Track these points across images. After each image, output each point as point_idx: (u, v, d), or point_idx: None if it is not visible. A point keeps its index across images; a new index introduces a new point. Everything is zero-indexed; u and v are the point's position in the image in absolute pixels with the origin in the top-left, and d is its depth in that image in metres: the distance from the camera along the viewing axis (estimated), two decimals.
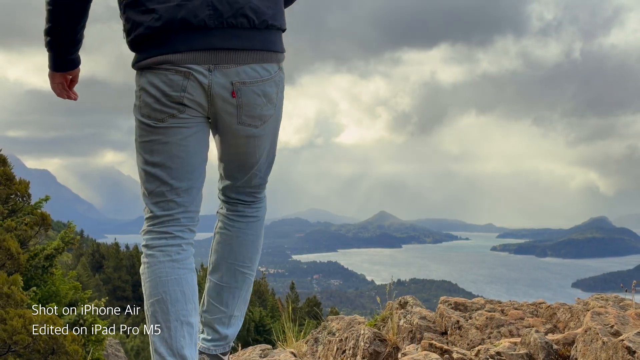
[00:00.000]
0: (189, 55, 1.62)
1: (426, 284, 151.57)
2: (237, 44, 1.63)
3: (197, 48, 1.62)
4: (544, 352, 1.84)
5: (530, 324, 2.40)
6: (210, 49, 1.62)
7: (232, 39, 1.62)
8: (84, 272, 36.07)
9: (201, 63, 1.63)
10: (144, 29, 1.63)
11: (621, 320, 1.75)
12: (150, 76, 1.68)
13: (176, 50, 1.62)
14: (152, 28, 1.62)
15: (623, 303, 2.47)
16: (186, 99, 1.67)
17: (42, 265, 10.47)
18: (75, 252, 43.55)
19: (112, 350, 15.58)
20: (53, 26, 1.75)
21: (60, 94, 1.96)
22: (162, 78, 1.66)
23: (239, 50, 1.64)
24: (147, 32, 1.63)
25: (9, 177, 7.46)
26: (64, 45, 1.81)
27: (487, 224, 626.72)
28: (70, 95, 1.98)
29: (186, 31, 1.61)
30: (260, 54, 1.67)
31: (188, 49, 1.62)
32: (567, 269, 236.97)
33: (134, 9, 1.64)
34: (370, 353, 2.45)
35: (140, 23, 1.64)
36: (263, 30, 1.66)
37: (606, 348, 1.62)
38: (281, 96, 1.79)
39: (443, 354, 1.83)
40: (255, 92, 1.69)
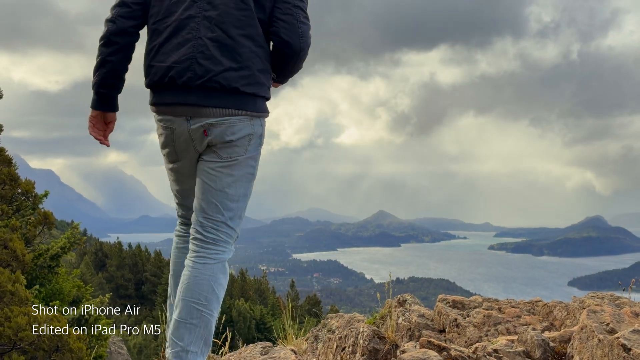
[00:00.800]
0: (171, 108, 2.06)
1: (424, 282, 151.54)
2: (209, 103, 2.02)
3: (178, 103, 2.04)
4: (540, 350, 1.84)
5: (527, 321, 2.40)
6: (188, 104, 2.03)
7: (206, 99, 2.02)
8: (87, 271, 36.06)
9: (181, 115, 2.06)
10: (148, 80, 2.09)
11: (617, 318, 1.76)
12: (156, 124, 2.15)
13: (164, 103, 2.07)
14: (152, 81, 2.08)
15: (619, 301, 2.47)
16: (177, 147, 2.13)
17: (47, 264, 10.46)
18: (79, 251, 43.54)
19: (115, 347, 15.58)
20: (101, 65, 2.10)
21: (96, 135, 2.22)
22: (161, 129, 2.13)
23: (210, 107, 2.03)
24: (148, 83, 2.09)
25: (13, 177, 7.45)
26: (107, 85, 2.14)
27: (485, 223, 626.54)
28: (105, 141, 2.25)
29: (172, 88, 2.04)
30: (228, 110, 2.04)
31: (171, 103, 2.05)
32: (564, 267, 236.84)
33: (145, 61, 2.11)
34: (369, 350, 2.45)
35: (147, 75, 2.09)
36: (234, 94, 2.03)
37: (602, 345, 1.62)
38: (255, 144, 2.13)
39: (441, 351, 1.83)
40: (223, 132, 2.06)
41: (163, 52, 2.04)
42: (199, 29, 2.02)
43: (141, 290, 44.55)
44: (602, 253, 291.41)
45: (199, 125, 2.04)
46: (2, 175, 7.35)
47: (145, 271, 45.34)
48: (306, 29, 2.10)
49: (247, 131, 2.08)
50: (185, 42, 2.02)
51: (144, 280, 44.81)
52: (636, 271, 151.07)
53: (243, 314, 32.39)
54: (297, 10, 2.09)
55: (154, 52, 2.07)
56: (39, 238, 9.34)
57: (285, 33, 2.07)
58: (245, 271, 41.95)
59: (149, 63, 2.07)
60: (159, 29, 2.07)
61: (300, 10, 2.09)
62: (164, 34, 2.06)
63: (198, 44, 2.01)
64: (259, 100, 2.09)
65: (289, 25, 2.07)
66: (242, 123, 2.06)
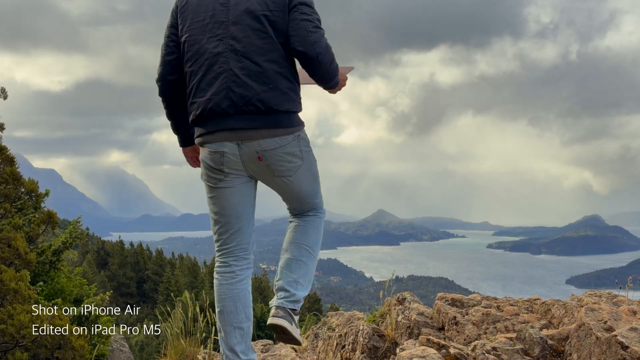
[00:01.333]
0: (218, 135, 2.27)
1: (424, 280, 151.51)
2: (249, 125, 2.24)
3: (222, 129, 2.26)
4: (538, 347, 1.84)
5: (526, 319, 2.40)
6: (231, 129, 2.25)
7: (245, 121, 2.24)
8: (89, 269, 36.05)
9: (230, 140, 2.27)
10: (191, 117, 2.33)
11: (614, 316, 1.75)
12: (203, 152, 2.35)
13: (209, 132, 2.28)
14: (195, 115, 2.30)
15: (616, 299, 2.47)
16: (226, 168, 2.32)
17: (49, 260, 10.45)
18: (81, 249, 43.55)
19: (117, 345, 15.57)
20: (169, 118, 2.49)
21: (194, 165, 2.61)
22: (207, 155, 2.33)
23: (252, 129, 2.24)
24: (192, 118, 2.33)
25: (16, 176, 7.45)
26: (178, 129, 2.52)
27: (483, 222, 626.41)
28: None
29: (214, 117, 2.26)
30: (269, 130, 2.25)
31: (216, 130, 2.27)
32: (561, 266, 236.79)
33: (188, 101, 2.35)
34: (369, 348, 2.45)
35: (190, 112, 2.33)
36: (270, 114, 2.24)
37: (600, 343, 1.62)
38: (306, 149, 2.39)
39: (440, 349, 1.83)
40: (278, 155, 2.29)
41: (201, 89, 2.28)
42: (228, 62, 2.25)
43: (143, 288, 44.55)
44: (600, 252, 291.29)
45: (251, 150, 2.27)
46: (5, 175, 7.35)
47: (146, 269, 45.34)
48: (318, 36, 2.28)
49: (294, 147, 2.33)
50: (218, 76, 2.26)
51: (145, 278, 44.82)
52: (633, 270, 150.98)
53: None
54: (305, 22, 2.28)
55: (194, 90, 2.30)
56: (42, 237, 9.33)
57: (299, 45, 2.27)
58: None
59: (191, 101, 2.32)
60: (194, 70, 2.31)
61: (308, 22, 2.28)
62: (199, 73, 2.29)
63: (230, 74, 2.24)
64: (292, 115, 2.32)
65: (300, 37, 2.27)
66: (293, 143, 2.32)
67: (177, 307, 3.59)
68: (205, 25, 2.31)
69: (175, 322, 3.51)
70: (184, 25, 2.35)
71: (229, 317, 2.37)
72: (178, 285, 38.41)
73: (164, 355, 3.38)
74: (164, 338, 3.52)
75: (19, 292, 6.01)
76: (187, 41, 2.33)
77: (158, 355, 3.52)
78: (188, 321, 3.51)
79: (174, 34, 2.39)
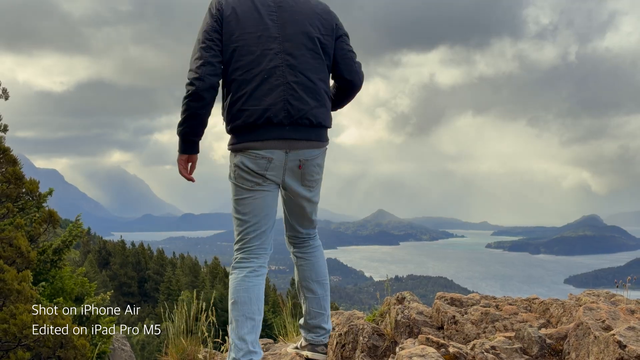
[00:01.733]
0: (270, 142, 2.41)
1: (423, 280, 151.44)
2: (301, 136, 2.44)
3: (275, 138, 2.40)
4: (537, 346, 1.84)
5: (524, 319, 2.40)
6: (284, 139, 2.41)
7: (298, 133, 2.43)
8: (91, 269, 36.04)
9: (280, 148, 2.42)
10: (240, 122, 2.39)
11: (612, 315, 1.76)
12: (242, 157, 2.44)
13: (260, 139, 2.40)
14: (245, 122, 2.38)
15: (614, 299, 2.47)
16: (268, 174, 2.46)
17: (50, 259, 10.44)
18: (83, 249, 43.54)
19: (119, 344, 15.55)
20: (192, 118, 2.41)
21: (186, 175, 2.57)
22: (250, 159, 2.43)
23: (302, 140, 2.45)
24: (242, 124, 2.39)
25: (18, 176, 7.45)
26: (196, 133, 2.47)
27: (482, 222, 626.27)
28: (192, 178, 2.59)
29: (268, 126, 2.39)
30: (314, 142, 2.50)
31: (269, 139, 2.40)
32: (560, 265, 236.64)
33: (234, 107, 2.40)
34: (369, 347, 2.45)
35: (238, 118, 2.39)
36: (317, 128, 2.49)
37: (598, 342, 1.62)
38: (323, 163, 2.62)
39: (439, 347, 1.83)
40: (312, 165, 2.53)
41: (255, 97, 2.37)
42: (285, 76, 2.41)
43: (144, 287, 44.53)
44: (598, 251, 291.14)
45: (296, 158, 2.46)
46: (8, 175, 7.35)
47: (148, 269, 45.33)
48: (359, 67, 2.63)
49: (322, 160, 2.58)
50: (275, 87, 2.39)
51: (146, 278, 44.80)
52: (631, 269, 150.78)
53: None
54: (351, 54, 2.60)
55: (246, 97, 2.38)
56: (43, 236, 9.33)
57: (347, 74, 2.60)
58: None
59: (241, 107, 2.38)
60: (247, 79, 2.39)
61: (352, 54, 2.61)
62: (253, 83, 2.38)
63: (287, 87, 2.40)
64: (327, 131, 2.60)
65: (348, 67, 2.59)
66: (322, 155, 2.57)
67: (178, 306, 3.59)
68: (258, 37, 2.41)
69: (177, 322, 3.51)
70: (232, 34, 2.41)
71: (242, 307, 2.44)
72: (179, 285, 38.40)
73: (165, 354, 3.38)
74: (165, 337, 3.52)
75: (22, 292, 6.01)
76: (237, 50, 2.40)
77: (159, 354, 3.53)
78: (189, 320, 3.51)
79: (219, 39, 2.42)
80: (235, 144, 2.46)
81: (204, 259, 51.02)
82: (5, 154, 7.43)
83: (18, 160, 7.88)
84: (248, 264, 2.52)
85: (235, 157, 2.48)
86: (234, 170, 2.51)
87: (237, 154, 2.47)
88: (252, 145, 2.41)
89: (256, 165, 2.43)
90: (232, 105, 2.42)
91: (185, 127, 2.44)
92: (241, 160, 2.45)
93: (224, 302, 9.20)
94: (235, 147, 2.46)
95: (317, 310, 2.70)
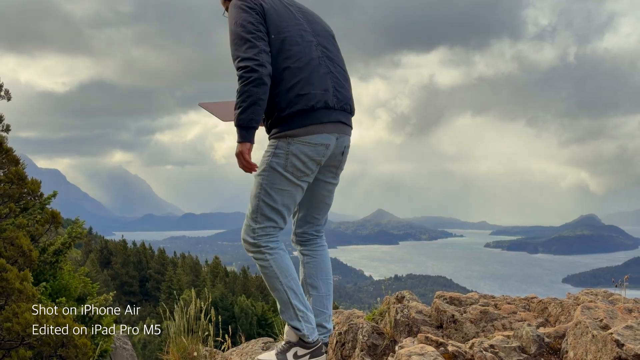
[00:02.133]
0: (328, 126, 2.45)
1: (422, 279, 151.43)
2: (346, 121, 2.55)
3: (333, 121, 2.47)
4: (535, 345, 1.84)
5: (523, 317, 2.40)
6: (336, 121, 2.49)
7: (344, 117, 2.54)
8: (92, 268, 36.01)
9: (335, 132, 2.48)
10: (300, 106, 2.41)
11: (610, 314, 1.75)
12: (300, 145, 2.43)
13: (320, 122, 2.44)
14: (306, 106, 2.41)
15: (612, 298, 2.47)
16: (323, 160, 2.50)
17: (50, 260, 10.44)
18: (84, 248, 43.52)
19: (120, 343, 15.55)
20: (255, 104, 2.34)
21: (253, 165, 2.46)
22: (311, 147, 2.44)
23: (347, 125, 2.56)
24: (301, 108, 2.41)
25: (21, 176, 7.44)
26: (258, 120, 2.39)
27: (481, 222, 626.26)
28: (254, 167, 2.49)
29: (324, 109, 2.45)
30: (350, 129, 2.61)
31: (327, 121, 2.45)
32: (558, 265, 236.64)
33: (291, 92, 2.42)
34: (368, 346, 2.45)
35: (296, 103, 2.41)
36: (352, 115, 2.62)
37: (595, 341, 1.62)
38: None
39: (438, 346, 1.83)
40: (347, 153, 2.65)
41: (310, 83, 2.45)
42: (328, 66, 2.55)
43: (145, 286, 44.51)
44: (596, 251, 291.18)
45: (342, 145, 2.56)
46: (10, 175, 7.35)
47: (149, 268, 45.31)
48: None
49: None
50: (324, 76, 2.50)
51: (148, 277, 44.79)
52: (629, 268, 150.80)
53: (245, 310, 32.36)
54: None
55: (300, 84, 2.43)
56: (45, 236, 9.32)
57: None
58: (247, 268, 41.94)
59: (300, 92, 2.42)
60: (299, 67, 2.46)
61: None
62: (307, 69, 2.47)
63: (332, 76, 2.53)
64: None
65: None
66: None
67: (179, 305, 3.59)
68: (298, 30, 2.54)
69: (178, 320, 3.51)
70: (278, 25, 2.50)
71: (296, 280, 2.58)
72: (180, 284, 38.39)
73: (166, 352, 3.38)
74: (167, 336, 3.52)
75: (23, 291, 6.01)
76: (285, 40, 2.49)
77: (160, 353, 3.52)
78: (190, 319, 3.51)
79: (265, 31, 2.47)
80: (292, 128, 2.43)
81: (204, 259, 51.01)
82: (8, 154, 7.42)
83: (20, 160, 7.88)
84: (280, 245, 2.59)
85: (291, 145, 2.44)
86: (286, 159, 2.45)
87: (292, 141, 2.44)
88: (312, 129, 2.42)
89: (315, 152, 2.45)
90: (288, 91, 2.43)
91: (249, 114, 2.36)
92: (299, 148, 2.43)
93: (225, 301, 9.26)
94: (293, 133, 2.43)
95: (320, 308, 2.71)
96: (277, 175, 2.47)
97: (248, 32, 2.40)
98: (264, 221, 2.52)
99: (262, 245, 2.52)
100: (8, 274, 5.89)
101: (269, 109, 2.47)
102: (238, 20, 2.43)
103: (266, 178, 2.49)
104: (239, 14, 2.44)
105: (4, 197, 7.23)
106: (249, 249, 2.55)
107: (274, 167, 2.46)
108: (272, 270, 2.51)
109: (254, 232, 2.53)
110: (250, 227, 2.53)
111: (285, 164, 2.45)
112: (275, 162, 2.46)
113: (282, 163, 2.45)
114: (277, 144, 2.47)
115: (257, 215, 2.52)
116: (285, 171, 2.46)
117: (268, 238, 2.53)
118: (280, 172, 2.46)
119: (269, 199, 2.49)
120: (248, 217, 2.56)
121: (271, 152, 2.48)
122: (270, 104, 2.45)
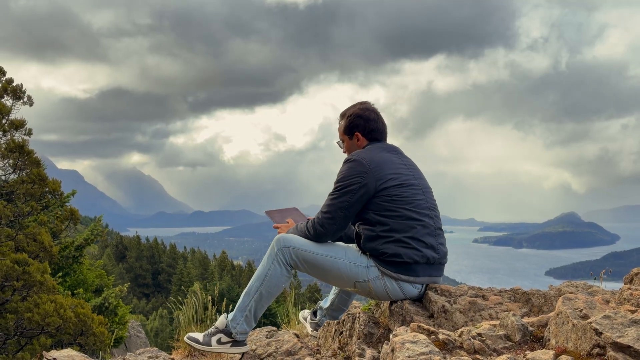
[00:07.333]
0: (421, 279, 2.46)
1: None
2: (439, 274, 2.54)
3: (426, 275, 2.47)
4: (520, 333, 1.84)
5: (508, 308, 2.40)
6: (429, 275, 2.49)
7: (438, 271, 2.53)
8: (108, 262, 36.01)
9: (422, 283, 2.48)
10: (406, 258, 2.41)
11: (589, 305, 1.76)
12: (389, 280, 2.44)
13: (416, 275, 2.44)
14: (412, 259, 2.41)
15: (591, 289, 2.47)
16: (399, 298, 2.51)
17: (72, 255, 10.45)
18: (101, 243, 43.50)
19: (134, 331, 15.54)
20: (315, 238, 2.57)
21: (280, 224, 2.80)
22: (396, 285, 2.44)
23: (438, 276, 2.53)
24: (405, 260, 2.41)
25: (42, 177, 7.44)
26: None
27: (469, 219, 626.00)
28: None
29: (425, 265, 2.45)
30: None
31: (422, 276, 2.46)
32: (541, 259, 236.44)
33: (397, 244, 2.42)
34: (365, 334, 2.45)
35: (400, 254, 2.41)
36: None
37: (576, 329, 1.62)
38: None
39: (430, 334, 1.83)
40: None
41: (426, 235, 2.49)
42: (436, 221, 2.58)
43: (158, 279, 44.51)
44: (576, 246, 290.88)
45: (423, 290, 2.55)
46: (32, 175, 7.35)
47: (161, 262, 45.31)
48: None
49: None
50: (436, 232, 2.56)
51: (160, 270, 44.79)
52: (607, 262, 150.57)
53: None
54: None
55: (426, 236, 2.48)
56: (65, 232, 9.33)
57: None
58: (252, 262, 41.93)
59: (412, 246, 2.43)
60: (415, 217, 2.47)
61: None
62: (423, 220, 2.49)
63: (438, 234, 2.57)
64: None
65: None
66: None
67: (189, 296, 3.59)
68: (406, 178, 2.63)
69: (187, 311, 3.51)
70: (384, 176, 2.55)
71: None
72: (190, 277, 38.38)
73: (177, 340, 3.38)
74: (177, 325, 3.52)
75: (44, 283, 6.01)
76: (397, 186, 2.56)
77: (171, 341, 3.53)
78: (199, 309, 3.51)
79: (358, 209, 2.58)
80: (388, 272, 2.46)
81: (212, 253, 50.99)
82: (30, 156, 7.43)
83: (41, 162, 7.88)
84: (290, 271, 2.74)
85: (381, 279, 2.48)
86: (377, 275, 2.47)
87: (384, 276, 2.48)
88: (407, 278, 2.46)
89: (399, 291, 2.52)
90: (396, 242, 2.44)
91: (309, 238, 2.56)
92: (387, 282, 2.50)
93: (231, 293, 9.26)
94: (388, 274, 2.46)
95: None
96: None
97: (342, 208, 2.54)
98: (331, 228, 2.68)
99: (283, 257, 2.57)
100: (30, 267, 5.89)
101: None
102: (344, 181, 2.55)
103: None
104: (349, 174, 2.56)
105: (26, 196, 7.23)
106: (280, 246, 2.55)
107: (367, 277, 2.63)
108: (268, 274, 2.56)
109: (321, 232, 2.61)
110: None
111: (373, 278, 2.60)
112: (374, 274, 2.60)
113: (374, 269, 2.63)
114: (371, 274, 2.62)
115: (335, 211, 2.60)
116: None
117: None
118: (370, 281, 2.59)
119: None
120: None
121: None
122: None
